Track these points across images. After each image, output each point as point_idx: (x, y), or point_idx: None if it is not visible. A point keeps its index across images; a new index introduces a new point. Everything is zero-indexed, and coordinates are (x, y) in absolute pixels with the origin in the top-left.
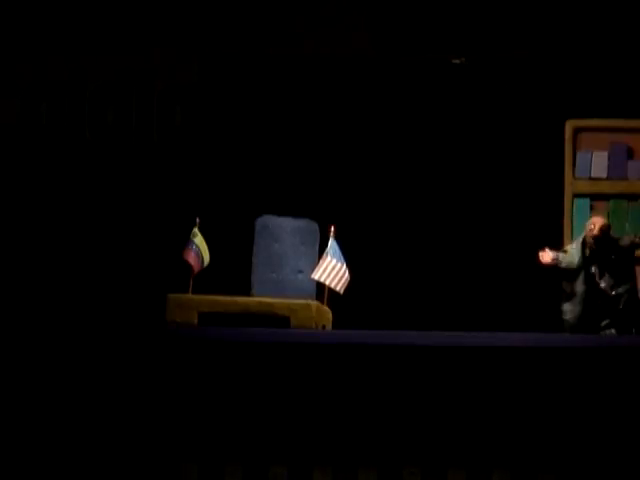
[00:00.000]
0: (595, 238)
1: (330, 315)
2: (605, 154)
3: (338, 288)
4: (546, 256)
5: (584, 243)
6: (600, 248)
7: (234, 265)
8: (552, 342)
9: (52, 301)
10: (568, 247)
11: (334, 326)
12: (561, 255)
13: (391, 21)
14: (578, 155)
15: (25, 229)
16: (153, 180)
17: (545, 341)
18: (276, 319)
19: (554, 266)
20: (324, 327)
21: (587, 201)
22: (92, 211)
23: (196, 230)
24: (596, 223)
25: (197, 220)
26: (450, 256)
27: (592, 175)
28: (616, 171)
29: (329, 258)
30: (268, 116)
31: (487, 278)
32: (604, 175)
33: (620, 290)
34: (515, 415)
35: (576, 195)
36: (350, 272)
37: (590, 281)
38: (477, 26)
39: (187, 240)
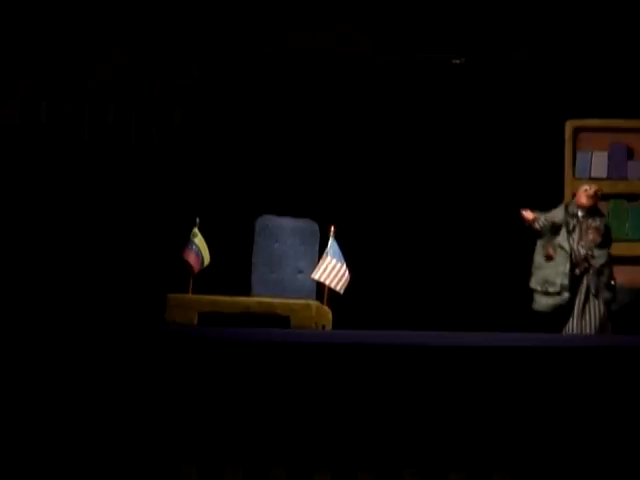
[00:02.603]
0: (590, 198)
1: (330, 315)
2: (605, 154)
3: (338, 288)
4: (528, 213)
5: (567, 207)
6: (589, 212)
7: (234, 265)
8: (552, 342)
9: (52, 301)
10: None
11: (334, 326)
12: (542, 215)
13: (391, 21)
14: (578, 155)
15: (25, 229)
16: (153, 180)
17: (545, 341)
18: (276, 319)
19: (533, 225)
20: (324, 327)
21: None
22: (92, 211)
23: (196, 230)
24: (591, 186)
25: (197, 220)
26: (450, 256)
27: (592, 175)
28: (616, 171)
29: (329, 258)
30: (268, 116)
31: (487, 278)
32: (604, 175)
33: (599, 252)
34: (515, 416)
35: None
36: (350, 272)
37: (570, 242)
38: (477, 26)
39: (187, 240)
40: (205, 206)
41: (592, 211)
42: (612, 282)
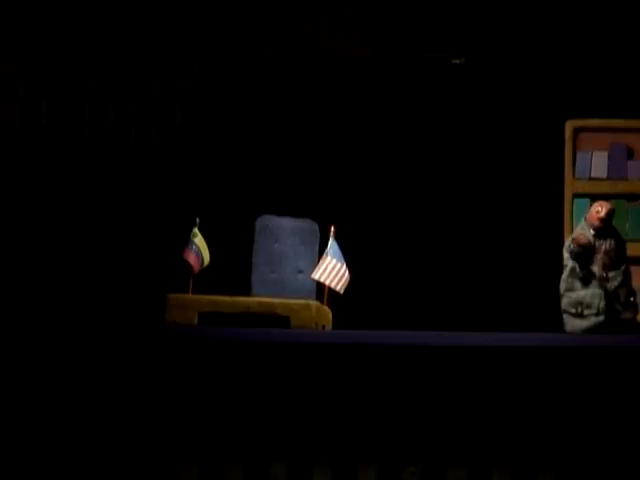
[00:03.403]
0: (602, 221)
1: (330, 315)
2: (605, 154)
3: (338, 288)
4: (583, 238)
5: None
6: (603, 231)
7: (234, 265)
8: (552, 342)
9: (52, 301)
10: (577, 230)
11: (334, 326)
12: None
13: (391, 21)
14: (578, 155)
15: (25, 229)
16: (153, 180)
17: (545, 341)
18: (276, 319)
19: (584, 248)
20: (324, 327)
21: (587, 201)
22: (92, 211)
23: (196, 230)
24: (603, 206)
25: (197, 220)
26: (450, 256)
27: (592, 175)
28: (616, 171)
29: (329, 258)
30: (268, 116)
31: (487, 278)
32: (604, 175)
33: (613, 274)
34: (515, 415)
35: (576, 195)
36: (350, 272)
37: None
38: (477, 26)
39: (187, 240)
40: (205, 206)
41: (604, 232)
42: (632, 299)
